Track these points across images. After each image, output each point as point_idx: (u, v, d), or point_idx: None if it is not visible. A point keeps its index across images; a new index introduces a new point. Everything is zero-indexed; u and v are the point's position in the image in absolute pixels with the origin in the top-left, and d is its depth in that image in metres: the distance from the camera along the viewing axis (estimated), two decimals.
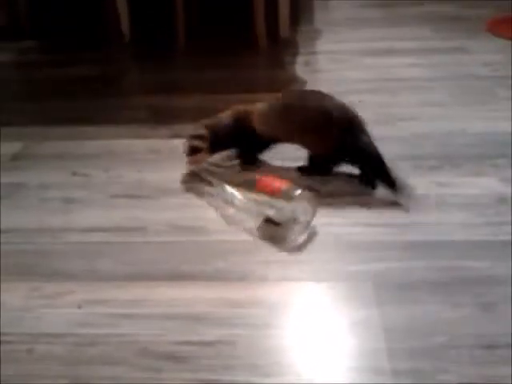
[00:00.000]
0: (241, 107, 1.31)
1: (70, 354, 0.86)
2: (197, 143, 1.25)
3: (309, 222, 1.09)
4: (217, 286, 0.98)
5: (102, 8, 2.32)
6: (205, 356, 0.85)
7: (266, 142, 1.30)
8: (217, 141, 1.27)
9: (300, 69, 1.91)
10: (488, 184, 1.22)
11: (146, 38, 2.30)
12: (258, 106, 1.29)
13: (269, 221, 1.10)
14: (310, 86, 1.74)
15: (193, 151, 1.26)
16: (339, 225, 1.12)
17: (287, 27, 2.18)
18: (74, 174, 1.35)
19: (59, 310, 0.95)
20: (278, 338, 0.88)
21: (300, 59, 2.00)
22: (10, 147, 1.48)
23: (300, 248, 1.07)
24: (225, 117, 1.30)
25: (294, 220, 1.08)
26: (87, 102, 1.74)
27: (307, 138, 1.23)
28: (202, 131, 1.27)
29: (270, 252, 1.06)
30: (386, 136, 1.42)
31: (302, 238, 1.08)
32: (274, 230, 1.10)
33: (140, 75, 2.07)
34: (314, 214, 1.09)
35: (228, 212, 1.15)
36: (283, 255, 1.05)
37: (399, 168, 1.28)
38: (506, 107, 1.54)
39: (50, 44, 2.33)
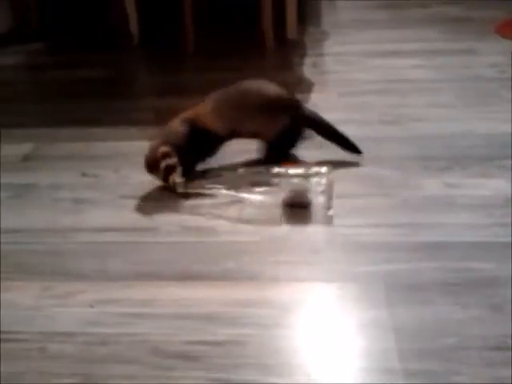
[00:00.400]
0: (187, 113, 1.30)
1: (81, 353, 0.87)
2: (169, 161, 1.21)
3: (331, 196, 1.14)
4: (227, 286, 0.99)
5: (111, 9, 2.33)
6: (216, 355, 0.85)
7: (221, 140, 1.30)
8: (181, 153, 1.24)
9: (308, 70, 1.92)
10: (496, 185, 1.22)
11: (154, 40, 2.31)
12: (204, 106, 1.30)
13: (290, 205, 1.14)
14: (317, 88, 1.75)
15: (169, 171, 1.22)
16: (349, 226, 1.12)
17: (295, 29, 2.19)
18: (84, 174, 1.36)
19: (71, 310, 0.95)
20: (288, 338, 0.88)
21: (307, 61, 2.01)
22: (21, 148, 1.49)
23: (330, 221, 1.12)
24: (176, 127, 1.28)
25: (315, 197, 1.15)
26: (97, 103, 1.75)
27: (263, 120, 1.27)
28: (165, 148, 1.22)
29: (280, 252, 1.06)
30: (393, 137, 1.43)
31: (331, 211, 1.13)
32: (298, 212, 1.13)
33: (149, 77, 2.08)
34: (332, 188, 1.16)
35: (239, 213, 1.16)
36: (293, 255, 1.05)
37: (407, 168, 1.29)
38: None
39: (58, 46, 2.35)
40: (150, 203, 1.23)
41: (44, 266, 1.06)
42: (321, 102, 1.63)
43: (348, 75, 1.85)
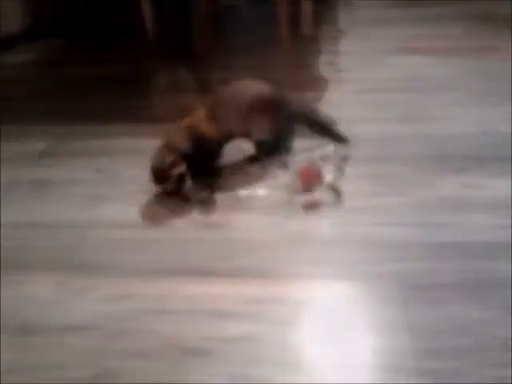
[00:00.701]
0: (184, 122, 1.29)
1: (97, 347, 0.88)
2: (179, 170, 1.21)
3: (342, 171, 1.22)
4: (241, 282, 0.99)
5: (127, 5, 2.34)
6: (229, 351, 0.86)
7: (220, 144, 1.31)
8: (185, 162, 1.23)
9: (323, 68, 1.91)
10: None
11: (169, 36, 2.31)
12: (199, 113, 1.30)
13: (303, 179, 1.20)
14: (333, 85, 1.75)
15: (181, 180, 1.21)
16: (364, 225, 1.12)
17: (310, 26, 2.19)
18: (99, 171, 1.37)
19: (87, 304, 0.96)
20: (301, 335, 0.89)
21: (323, 58, 2.00)
22: (37, 145, 1.50)
23: (341, 195, 1.19)
24: (176, 137, 1.26)
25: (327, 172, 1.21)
26: (112, 100, 1.76)
27: (255, 120, 1.28)
28: (172, 158, 1.21)
29: (293, 250, 1.06)
30: (409, 135, 1.42)
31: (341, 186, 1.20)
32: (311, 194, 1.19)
33: (164, 74, 2.08)
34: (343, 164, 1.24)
35: (253, 208, 1.18)
36: (308, 253, 1.05)
37: (423, 167, 1.28)
38: None
39: (74, 43, 2.37)
40: (163, 200, 1.24)
41: (61, 261, 1.07)
42: (336, 100, 1.63)
43: (364, 73, 1.84)
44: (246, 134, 1.32)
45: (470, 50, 1.99)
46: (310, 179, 1.19)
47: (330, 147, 1.26)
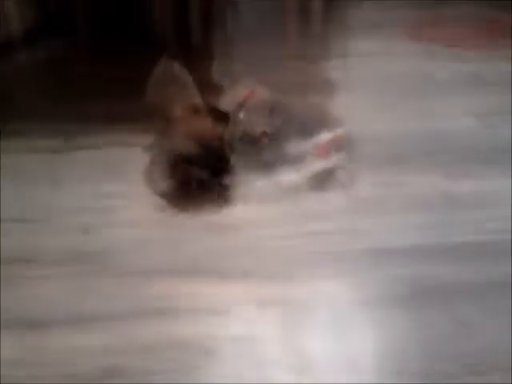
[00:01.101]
0: (188, 120, 1.29)
1: (104, 345, 0.89)
2: (184, 169, 1.22)
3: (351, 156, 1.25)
4: (244, 283, 1.00)
5: (136, 4, 2.33)
6: (232, 351, 0.87)
7: (224, 147, 1.30)
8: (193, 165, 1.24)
9: (331, 68, 1.91)
10: None
11: (167, 28, 2.29)
12: (200, 116, 1.30)
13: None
14: (342, 86, 1.75)
15: (187, 179, 1.22)
16: (369, 226, 1.12)
17: (319, 24, 2.18)
18: (110, 169, 1.38)
19: (93, 301, 0.98)
20: (304, 336, 0.89)
21: (331, 57, 1.99)
22: (49, 143, 1.52)
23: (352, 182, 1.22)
24: (182, 134, 1.26)
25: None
26: (122, 100, 1.77)
27: (253, 123, 1.33)
28: (176, 156, 1.22)
29: (299, 251, 1.07)
30: (412, 134, 1.42)
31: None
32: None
33: (162, 68, 2.07)
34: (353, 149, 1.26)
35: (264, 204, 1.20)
36: (311, 254, 1.06)
37: (431, 168, 1.28)
38: None
39: (83, 42, 2.37)
40: (171, 199, 1.24)
41: (67, 259, 1.09)
42: (344, 101, 1.62)
43: (373, 73, 1.84)
44: (246, 137, 1.33)
45: (471, 49, 1.98)
46: (324, 149, 1.23)
47: (339, 131, 1.28)
